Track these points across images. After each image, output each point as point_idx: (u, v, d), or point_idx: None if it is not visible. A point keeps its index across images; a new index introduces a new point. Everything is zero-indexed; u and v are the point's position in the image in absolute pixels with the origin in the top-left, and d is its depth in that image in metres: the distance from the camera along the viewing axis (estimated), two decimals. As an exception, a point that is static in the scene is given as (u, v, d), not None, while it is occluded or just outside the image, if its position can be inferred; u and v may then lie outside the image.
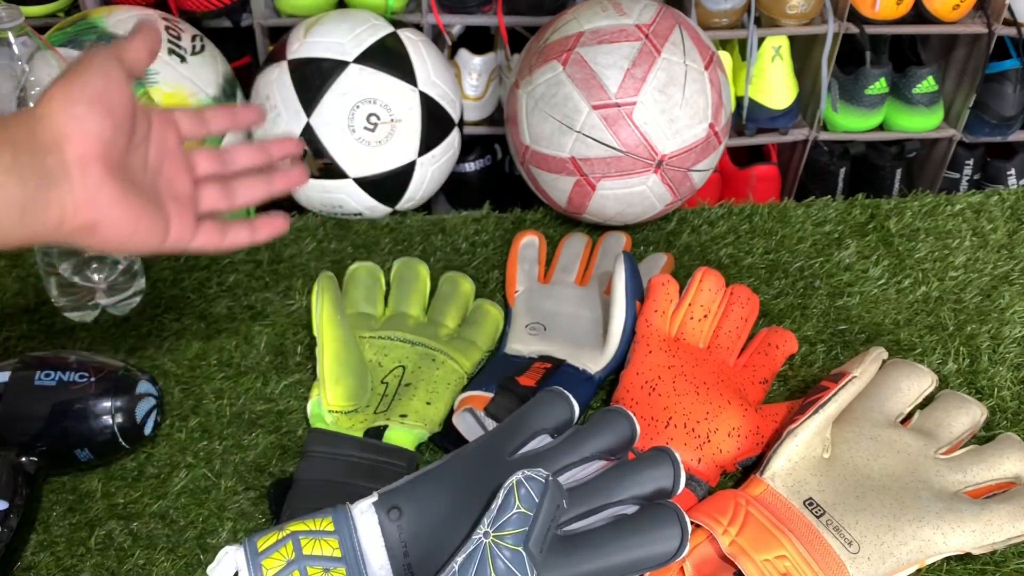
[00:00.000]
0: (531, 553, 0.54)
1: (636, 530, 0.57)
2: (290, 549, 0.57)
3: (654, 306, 0.74)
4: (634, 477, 0.59)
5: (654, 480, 0.59)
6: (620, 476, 0.59)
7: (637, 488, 0.59)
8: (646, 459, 0.60)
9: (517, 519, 0.55)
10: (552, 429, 0.62)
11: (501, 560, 0.53)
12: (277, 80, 0.93)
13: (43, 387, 0.65)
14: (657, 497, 0.59)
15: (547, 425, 0.61)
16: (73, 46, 0.91)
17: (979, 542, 0.60)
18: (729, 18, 1.34)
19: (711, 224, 0.95)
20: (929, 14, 1.37)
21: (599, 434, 0.61)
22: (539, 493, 0.56)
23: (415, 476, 0.62)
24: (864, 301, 0.85)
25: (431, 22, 1.28)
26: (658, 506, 0.58)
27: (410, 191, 0.97)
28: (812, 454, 0.64)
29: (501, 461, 0.60)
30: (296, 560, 0.57)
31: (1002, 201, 0.98)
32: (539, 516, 0.55)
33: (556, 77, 0.85)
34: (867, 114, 1.46)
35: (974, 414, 0.69)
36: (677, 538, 0.56)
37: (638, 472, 0.59)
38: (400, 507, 0.60)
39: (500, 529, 0.54)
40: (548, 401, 0.63)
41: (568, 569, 0.55)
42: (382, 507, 0.60)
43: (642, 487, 0.59)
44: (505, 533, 0.54)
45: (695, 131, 0.85)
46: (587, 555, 0.56)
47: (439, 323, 0.79)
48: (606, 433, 0.61)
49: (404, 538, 0.59)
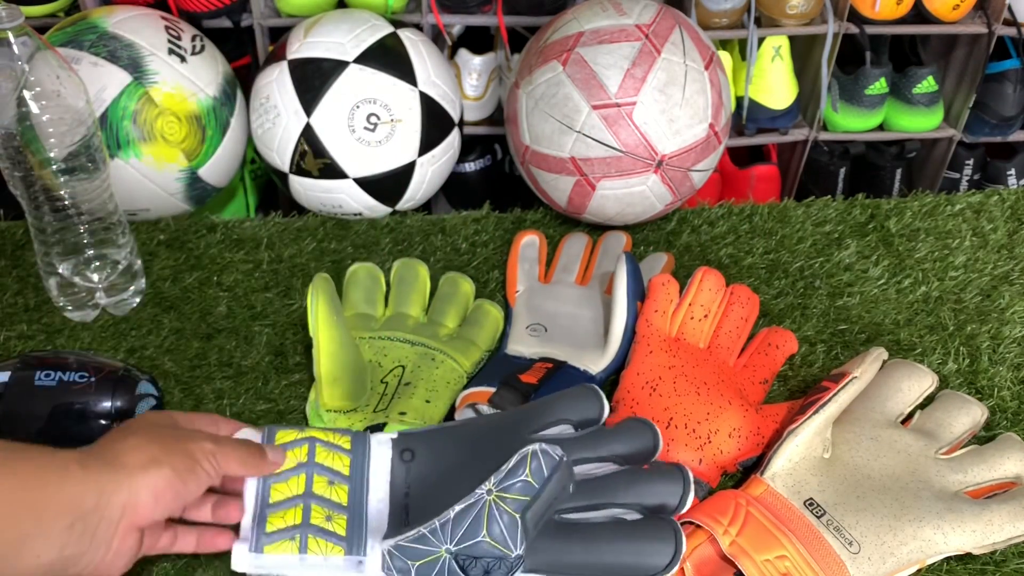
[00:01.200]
0: (526, 525, 0.55)
1: (631, 536, 0.57)
2: (304, 452, 0.59)
3: (654, 306, 0.74)
4: (643, 485, 0.59)
5: (662, 494, 0.59)
6: (630, 480, 0.60)
7: (643, 497, 0.59)
8: (659, 472, 0.60)
9: (522, 487, 0.55)
10: (576, 422, 0.62)
11: (497, 523, 0.54)
12: (277, 80, 0.93)
13: (43, 387, 0.65)
14: (660, 511, 0.59)
15: (573, 417, 0.62)
16: (73, 46, 0.91)
17: (979, 542, 0.60)
18: (729, 18, 1.34)
19: (711, 224, 0.95)
20: (929, 14, 1.37)
21: (621, 439, 0.62)
22: (550, 469, 0.56)
23: (435, 427, 0.64)
24: (864, 301, 0.85)
25: (431, 22, 1.28)
26: (659, 519, 0.58)
27: (410, 191, 0.97)
28: (812, 454, 0.64)
29: (519, 437, 0.60)
30: (307, 464, 0.58)
31: (1002, 201, 0.98)
32: (543, 491, 0.56)
33: (556, 77, 0.85)
34: (867, 114, 1.46)
35: (974, 414, 0.69)
36: (669, 555, 0.56)
37: (648, 482, 0.59)
38: (414, 451, 0.61)
39: (504, 491, 0.55)
40: (580, 394, 0.63)
41: (556, 555, 0.56)
42: (398, 446, 0.61)
43: (648, 497, 0.59)
44: (507, 496, 0.55)
45: (695, 131, 0.85)
46: (578, 547, 0.56)
47: (439, 323, 0.79)
48: (629, 440, 0.62)
49: (409, 480, 0.60)
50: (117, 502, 0.50)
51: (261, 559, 0.55)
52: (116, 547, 0.51)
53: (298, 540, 0.55)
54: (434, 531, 0.55)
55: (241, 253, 0.90)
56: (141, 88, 0.91)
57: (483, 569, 0.54)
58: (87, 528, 0.49)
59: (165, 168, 0.94)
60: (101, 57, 0.91)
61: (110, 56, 0.91)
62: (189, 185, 0.97)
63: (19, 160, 0.71)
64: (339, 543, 0.56)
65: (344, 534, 0.56)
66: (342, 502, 0.58)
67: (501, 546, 0.54)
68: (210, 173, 0.98)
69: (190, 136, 0.95)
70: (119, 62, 0.91)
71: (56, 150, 0.72)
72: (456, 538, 0.54)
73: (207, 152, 0.97)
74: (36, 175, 0.73)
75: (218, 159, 0.98)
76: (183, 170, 0.95)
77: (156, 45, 0.94)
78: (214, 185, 1.00)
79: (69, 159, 0.72)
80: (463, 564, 0.54)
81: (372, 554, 0.55)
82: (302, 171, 0.94)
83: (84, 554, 0.50)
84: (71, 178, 0.73)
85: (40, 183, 0.73)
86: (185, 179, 0.96)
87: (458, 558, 0.54)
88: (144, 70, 0.92)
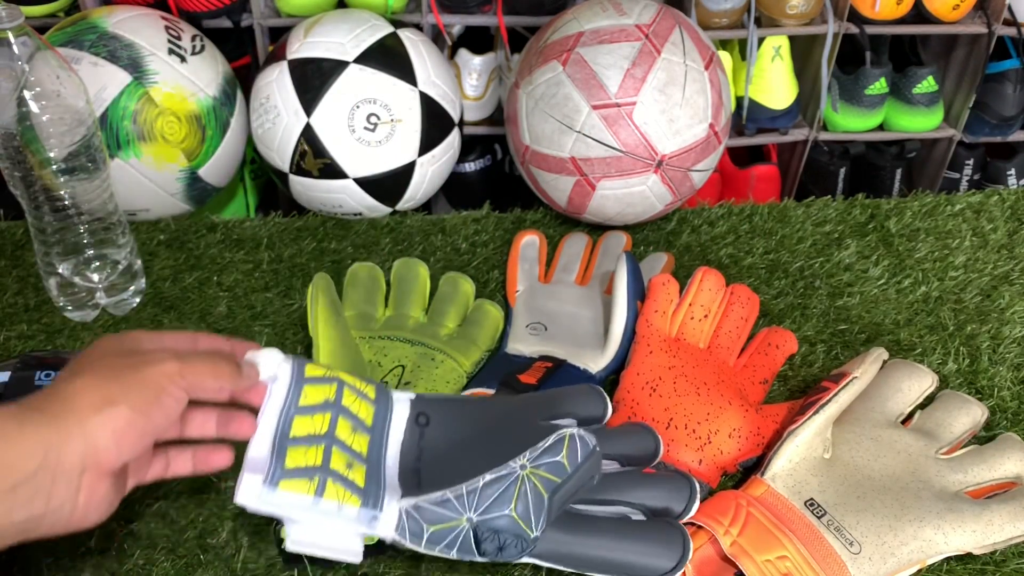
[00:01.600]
0: (551, 507, 0.54)
1: (640, 536, 0.57)
2: (332, 391, 0.56)
3: (654, 306, 0.74)
4: (650, 488, 0.60)
5: (669, 498, 0.59)
6: (637, 481, 0.60)
7: (649, 499, 0.59)
8: (667, 476, 0.61)
9: (556, 467, 0.54)
10: (581, 418, 0.63)
11: (525, 499, 0.52)
12: (277, 80, 0.93)
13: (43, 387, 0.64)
14: (665, 514, 0.59)
15: (578, 412, 0.62)
16: (73, 46, 0.91)
17: (980, 542, 0.60)
18: (729, 18, 1.34)
19: (711, 224, 0.95)
20: (929, 14, 1.37)
21: (624, 440, 0.62)
22: (584, 456, 0.56)
23: (451, 396, 0.63)
24: (864, 301, 0.85)
25: (431, 22, 1.28)
26: (668, 523, 0.58)
27: (410, 191, 0.97)
28: (813, 455, 0.64)
29: (528, 423, 0.60)
30: (334, 405, 0.55)
31: (1002, 201, 0.98)
32: (574, 475, 0.55)
33: (556, 77, 0.85)
34: (867, 114, 1.46)
35: (975, 414, 0.69)
36: (675, 559, 0.56)
37: (655, 485, 0.60)
38: (429, 416, 0.59)
39: (537, 468, 0.54)
40: (585, 392, 0.64)
41: (562, 544, 0.56)
42: (415, 408, 0.60)
43: (654, 500, 0.59)
44: (541, 474, 0.54)
45: (695, 131, 0.85)
46: (585, 539, 0.56)
47: (439, 323, 0.79)
48: (631, 442, 0.62)
49: (422, 445, 0.58)
50: (72, 454, 0.45)
51: (273, 495, 0.51)
52: (84, 500, 0.47)
53: (316, 481, 0.51)
54: (460, 497, 0.53)
55: (241, 253, 0.90)
56: (141, 88, 0.91)
57: (498, 545, 0.53)
58: (38, 489, 0.45)
59: (165, 168, 0.94)
60: (101, 57, 0.91)
61: (110, 56, 0.91)
62: (189, 185, 0.97)
63: (19, 160, 0.71)
64: (356, 493, 0.53)
65: (362, 485, 0.53)
66: (362, 452, 0.55)
67: (525, 524, 0.53)
68: (210, 173, 0.98)
69: (190, 136, 0.95)
70: (119, 62, 0.91)
71: (56, 150, 0.72)
72: (482, 508, 0.52)
73: (207, 152, 0.97)
74: (36, 175, 0.73)
75: (218, 159, 0.98)
76: (183, 170, 0.95)
77: (156, 45, 0.94)
78: (214, 185, 1.00)
79: (69, 159, 0.72)
80: (480, 536, 0.52)
81: (388, 510, 0.53)
82: (302, 171, 0.94)
83: (44, 515, 0.45)
84: (71, 178, 0.74)
85: (40, 183, 0.73)
86: (185, 179, 0.96)
87: (478, 529, 0.52)
88: (144, 70, 0.92)
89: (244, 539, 0.63)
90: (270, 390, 0.55)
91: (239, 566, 0.62)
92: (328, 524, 0.52)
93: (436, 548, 0.53)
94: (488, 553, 0.53)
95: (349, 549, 0.53)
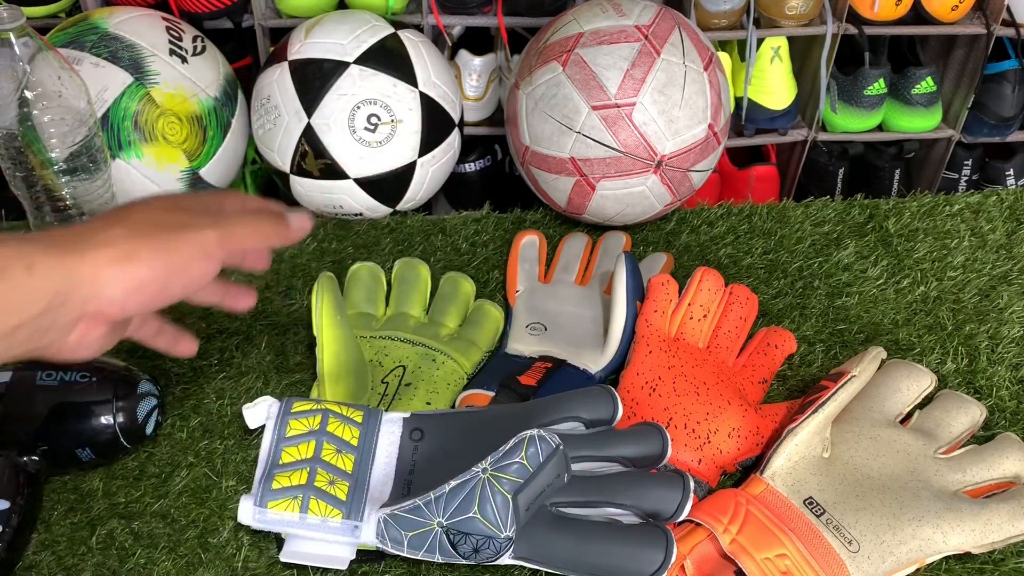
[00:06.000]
0: (517, 507, 0.56)
1: (624, 539, 0.57)
2: (317, 421, 0.62)
3: (654, 306, 0.74)
4: (642, 489, 0.60)
5: (660, 499, 0.59)
6: (629, 482, 0.60)
7: (641, 500, 0.59)
8: (660, 477, 0.61)
9: (517, 469, 0.57)
10: (588, 421, 0.63)
11: (489, 502, 0.56)
12: (278, 81, 0.94)
13: (45, 387, 0.65)
14: (656, 516, 0.59)
15: (584, 415, 0.63)
16: (74, 47, 0.91)
17: (978, 541, 0.61)
18: (728, 19, 1.34)
19: (710, 224, 0.95)
20: (928, 15, 1.37)
21: (629, 442, 0.62)
22: (545, 455, 0.57)
23: (447, 412, 0.66)
24: (863, 301, 0.85)
25: (431, 23, 1.29)
26: (653, 526, 0.58)
27: (410, 191, 0.97)
28: (812, 453, 0.64)
29: (529, 428, 0.60)
30: (318, 432, 0.61)
31: (1000, 201, 0.98)
32: (537, 476, 0.57)
33: (556, 78, 0.85)
34: (866, 115, 1.46)
35: (973, 414, 0.70)
36: (657, 563, 0.57)
37: (648, 486, 0.60)
38: (424, 432, 0.63)
39: (499, 471, 0.56)
40: (595, 394, 0.64)
41: (547, 546, 0.57)
42: (409, 425, 0.64)
43: (646, 501, 0.59)
44: (502, 476, 0.56)
45: (694, 132, 0.86)
46: (570, 541, 0.57)
47: (440, 323, 0.79)
48: (637, 443, 0.62)
49: (415, 459, 0.62)
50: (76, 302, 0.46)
51: (264, 514, 0.58)
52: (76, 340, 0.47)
53: (300, 500, 0.58)
54: (428, 503, 0.56)
55: (242, 253, 0.90)
56: (142, 89, 0.92)
57: (472, 546, 0.56)
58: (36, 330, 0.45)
59: (166, 168, 0.94)
60: (102, 58, 0.91)
61: (111, 57, 0.91)
62: (190, 185, 0.97)
63: (21, 161, 0.71)
64: (338, 507, 0.58)
65: (344, 499, 0.58)
66: (347, 469, 0.60)
67: (492, 525, 0.55)
68: (211, 173, 0.98)
69: (191, 137, 0.95)
70: (120, 63, 0.91)
71: (57, 151, 0.72)
72: (449, 512, 0.56)
73: (208, 153, 0.97)
74: (38, 176, 0.73)
75: (219, 160, 0.99)
76: (184, 170, 0.96)
77: (157, 46, 0.94)
78: (215, 185, 1.00)
79: (70, 159, 0.72)
80: (453, 539, 0.56)
81: (368, 520, 0.58)
82: (303, 171, 0.94)
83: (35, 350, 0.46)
84: (73, 178, 0.74)
85: (42, 184, 0.73)
86: (186, 179, 0.96)
87: (449, 532, 0.56)
88: (145, 71, 0.92)
89: (245, 538, 0.63)
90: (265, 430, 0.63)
91: (240, 565, 0.62)
92: (317, 536, 0.58)
93: (419, 553, 0.57)
94: (465, 555, 0.56)
95: (336, 557, 0.59)
